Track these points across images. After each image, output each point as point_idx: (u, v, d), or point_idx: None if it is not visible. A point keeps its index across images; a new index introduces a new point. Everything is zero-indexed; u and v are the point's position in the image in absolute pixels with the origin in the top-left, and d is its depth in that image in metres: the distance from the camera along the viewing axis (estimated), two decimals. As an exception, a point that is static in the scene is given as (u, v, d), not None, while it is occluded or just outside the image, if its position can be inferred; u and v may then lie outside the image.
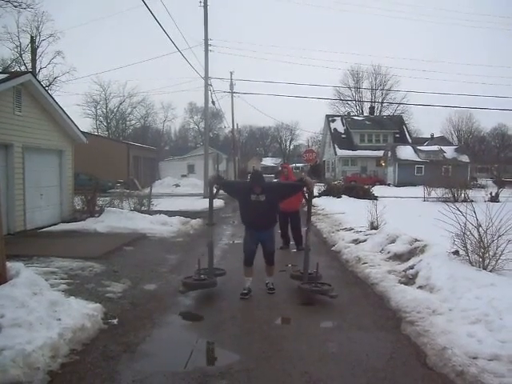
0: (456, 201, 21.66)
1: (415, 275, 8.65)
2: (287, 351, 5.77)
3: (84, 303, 6.96)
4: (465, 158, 54.13)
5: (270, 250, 8.43)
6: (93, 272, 9.50)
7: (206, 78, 29.92)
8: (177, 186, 45.68)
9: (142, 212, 18.41)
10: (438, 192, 27.59)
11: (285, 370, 5.25)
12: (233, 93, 52.17)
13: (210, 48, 30.09)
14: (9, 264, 6.67)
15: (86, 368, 5.22)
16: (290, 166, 17.66)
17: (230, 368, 5.25)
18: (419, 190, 31.83)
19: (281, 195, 8.53)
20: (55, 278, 8.62)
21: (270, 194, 8.07)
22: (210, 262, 8.65)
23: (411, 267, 9.09)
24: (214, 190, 9.16)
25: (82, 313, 6.42)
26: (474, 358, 5.17)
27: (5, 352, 4.95)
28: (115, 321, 6.79)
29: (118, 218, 16.27)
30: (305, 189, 8.74)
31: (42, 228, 15.72)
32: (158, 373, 5.12)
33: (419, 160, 53.40)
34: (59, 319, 6.01)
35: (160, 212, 18.77)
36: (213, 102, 39.09)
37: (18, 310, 5.72)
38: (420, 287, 8.04)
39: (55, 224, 16.54)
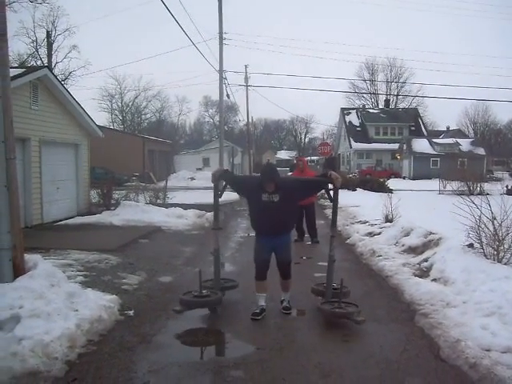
0: (471, 194, 21.54)
1: (429, 268, 8.66)
2: (301, 342, 5.82)
3: (101, 295, 7.07)
4: (481, 151, 53.75)
5: (286, 260, 6.95)
6: (109, 264, 9.61)
7: (221, 71, 29.93)
8: (192, 179, 45.79)
9: (158, 205, 18.51)
10: (454, 185, 27.44)
11: (298, 361, 5.30)
12: (247, 86, 52.17)
13: (224, 41, 30.05)
14: (27, 256, 6.78)
15: (103, 358, 5.31)
16: (305, 158, 17.67)
17: (244, 359, 5.31)
18: (435, 183, 31.70)
19: (300, 194, 7.00)
20: (72, 270, 8.73)
21: (285, 192, 6.61)
22: (216, 273, 7.30)
23: (425, 260, 9.11)
24: (221, 186, 7.85)
25: (98, 304, 6.51)
26: (488, 351, 5.18)
27: (24, 342, 5.05)
28: (131, 312, 6.88)
29: (133, 211, 16.39)
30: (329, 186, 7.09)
31: (59, 221, 15.87)
32: (173, 363, 5.19)
33: (435, 153, 53.10)
34: (76, 310, 6.11)
35: (175, 205, 18.87)
36: (228, 96, 39.08)
37: (37, 301, 5.81)
38: (434, 280, 8.05)
39: (71, 217, 16.69)
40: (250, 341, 5.80)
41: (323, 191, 7.59)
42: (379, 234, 12.56)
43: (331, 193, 7.04)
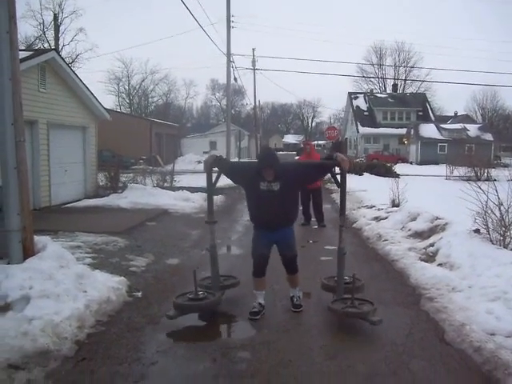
0: (478, 179, 21.50)
1: (435, 253, 8.69)
2: (306, 325, 5.88)
3: (109, 276, 7.15)
4: (488, 137, 53.52)
5: (290, 254, 6.28)
6: (117, 247, 9.69)
7: (228, 54, 29.84)
8: (199, 162, 45.78)
9: (165, 188, 18.58)
10: (461, 171, 27.39)
11: (304, 343, 5.36)
12: (255, 69, 51.96)
13: (232, 24, 29.92)
14: (36, 238, 6.84)
15: (112, 338, 5.39)
16: (313, 143, 17.65)
17: (251, 340, 5.38)
18: (442, 169, 31.65)
19: (302, 180, 6.34)
20: (80, 252, 8.81)
21: (286, 180, 5.90)
22: (214, 272, 6.54)
23: (432, 245, 9.14)
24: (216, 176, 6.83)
25: (107, 286, 6.60)
26: (492, 335, 5.22)
27: (34, 322, 5.14)
28: (139, 294, 6.96)
29: (140, 194, 16.46)
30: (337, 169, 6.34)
31: (67, 204, 15.98)
32: (180, 344, 5.26)
33: (442, 138, 52.95)
34: (85, 291, 6.19)
35: (182, 188, 18.94)
36: (235, 79, 39.04)
37: (46, 282, 5.89)
38: (440, 265, 8.08)
39: (79, 200, 16.81)
40: (257, 323, 5.85)
41: (329, 176, 6.74)
42: (386, 218, 12.59)
43: (338, 177, 6.22)
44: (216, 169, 6.43)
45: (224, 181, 7.08)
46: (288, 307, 6.46)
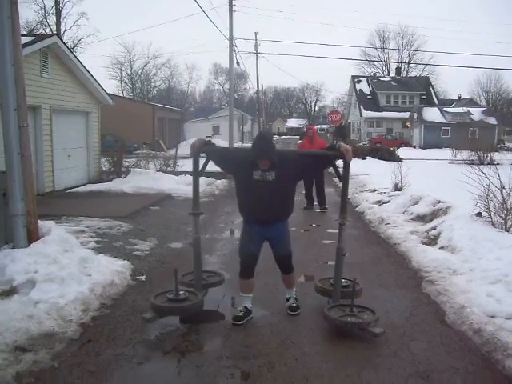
0: (482, 163, 21.50)
1: (437, 236, 8.74)
2: (309, 307, 5.94)
3: (113, 260, 7.23)
4: (492, 121, 53.30)
5: (284, 252, 5.63)
6: (120, 231, 9.75)
7: (231, 38, 29.72)
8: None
9: (168, 173, 18.63)
10: (464, 154, 27.37)
11: (306, 324, 5.42)
12: (257, 53, 51.79)
13: (234, 8, 29.77)
14: (40, 222, 6.92)
15: (116, 321, 5.46)
16: (315, 127, 17.62)
17: (255, 322, 5.45)
18: (445, 152, 31.63)
19: (301, 171, 5.60)
20: (84, 237, 8.87)
21: (283, 169, 5.28)
22: (197, 268, 5.85)
23: (434, 228, 9.19)
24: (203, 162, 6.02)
25: (111, 269, 6.67)
26: (492, 317, 5.27)
27: (39, 305, 5.22)
28: (143, 277, 7.04)
29: (144, 179, 16.52)
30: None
31: (70, 189, 16.03)
32: (185, 326, 5.33)
33: (446, 122, 52.76)
34: (89, 275, 6.26)
35: (185, 173, 18.95)
36: (237, 63, 38.88)
37: (51, 265, 5.97)
38: (442, 248, 8.13)
39: (83, 185, 16.85)
40: (260, 305, 5.90)
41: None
42: (388, 202, 12.64)
43: (340, 169, 5.64)
44: (204, 154, 5.83)
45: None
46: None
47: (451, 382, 4.23)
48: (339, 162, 5.55)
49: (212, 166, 5.82)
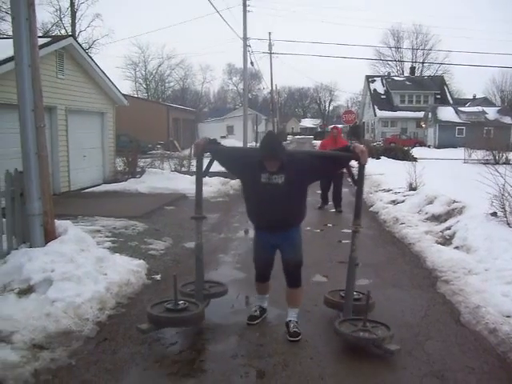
0: (497, 163, 21.37)
1: (452, 236, 8.71)
2: (323, 307, 5.93)
3: (128, 260, 7.29)
4: (507, 120, 52.78)
5: (294, 259, 5.17)
6: (136, 230, 9.81)
7: (245, 38, 29.76)
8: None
9: (182, 173, 18.68)
10: (479, 154, 27.19)
11: (321, 324, 5.43)
12: (271, 53, 51.82)
13: (248, 8, 29.83)
14: (57, 222, 6.97)
15: (132, 320, 5.50)
16: (330, 126, 17.58)
17: (269, 321, 5.47)
18: (460, 152, 31.41)
19: (312, 173, 5.09)
20: (100, 236, 8.94)
21: (293, 172, 4.87)
22: (199, 278, 5.48)
23: (448, 228, 9.16)
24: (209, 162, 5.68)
25: (126, 269, 6.73)
26: (508, 317, 5.26)
27: (56, 303, 5.27)
28: (158, 276, 7.09)
29: (158, 179, 16.60)
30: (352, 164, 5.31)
31: (86, 189, 16.14)
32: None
33: (460, 121, 52.36)
34: (105, 274, 6.32)
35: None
36: (251, 63, 38.87)
37: (67, 264, 6.01)
38: (456, 248, 8.11)
39: (98, 185, 16.96)
40: (275, 305, 5.91)
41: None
42: (403, 201, 12.60)
43: (354, 172, 5.29)
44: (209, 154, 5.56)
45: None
46: (307, 290, 5.82)
47: (466, 381, 4.23)
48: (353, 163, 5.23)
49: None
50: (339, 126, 15.69)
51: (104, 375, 4.26)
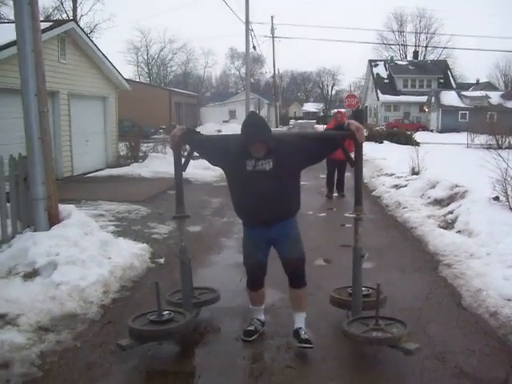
0: (500, 147, 21.34)
1: (454, 220, 8.73)
2: (326, 289, 5.96)
3: (132, 243, 7.35)
4: (511, 104, 52.65)
5: (294, 254, 4.54)
6: (139, 215, 9.87)
7: (247, 22, 29.65)
8: (219, 131, 45.81)
9: (185, 157, 18.66)
10: (482, 138, 27.12)
11: (324, 307, 5.46)
12: (274, 37, 51.64)
13: (250, -8, 29.67)
14: (61, 206, 7.03)
15: (136, 303, 5.57)
16: (334, 111, 17.48)
17: (272, 305, 5.50)
18: (463, 137, 31.34)
19: (304, 157, 4.41)
20: (103, 220, 9.00)
21: (282, 156, 4.29)
22: (186, 283, 4.90)
23: (451, 212, 9.17)
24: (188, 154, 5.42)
25: (130, 252, 6.78)
26: (509, 300, 5.28)
27: (61, 287, 5.33)
28: (162, 260, 7.15)
29: (161, 163, 16.62)
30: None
31: (88, 173, 16.20)
32: (203, 307, 5.41)
33: (463, 106, 52.22)
34: (109, 258, 6.37)
35: (199, 157, 19.04)
36: (254, 47, 38.89)
37: (72, 248, 6.07)
38: (459, 232, 8.12)
39: (101, 169, 17.01)
40: (279, 288, 5.96)
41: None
42: (405, 186, 12.61)
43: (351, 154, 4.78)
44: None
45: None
46: (309, 272, 6.08)
47: (467, 363, 4.26)
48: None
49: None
50: (343, 110, 15.54)
51: (109, 357, 4.32)
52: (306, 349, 4.41)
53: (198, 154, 5.20)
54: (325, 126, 18.02)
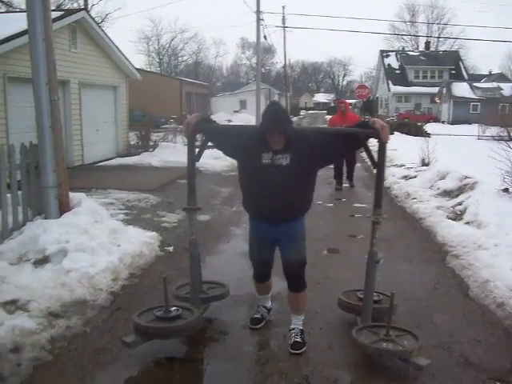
0: (511, 139, 21.20)
1: (463, 211, 8.72)
2: (334, 279, 6.03)
3: (141, 232, 7.40)
4: (523, 96, 52.24)
5: (296, 257, 4.35)
6: (149, 203, 9.93)
7: (258, 12, 29.52)
8: (229, 121, 45.80)
9: (195, 147, 18.71)
10: (493, 130, 26.97)
11: (331, 296, 5.49)
12: (285, 27, 51.46)
13: (262, -19, 29.53)
14: (71, 194, 7.09)
15: (145, 290, 5.63)
16: (333, 100, 17.35)
17: (279, 293, 5.52)
18: (474, 128, 31.18)
19: (324, 154, 4.20)
20: (113, 209, 9.06)
21: (301, 152, 4.06)
22: (195, 278, 4.71)
23: (460, 203, 9.16)
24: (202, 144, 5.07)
25: (140, 240, 6.84)
26: (516, 291, 5.32)
27: (71, 274, 5.40)
28: (171, 248, 7.20)
29: (171, 153, 16.69)
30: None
31: (99, 162, 16.30)
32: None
33: (475, 97, 51.85)
34: (119, 245, 6.43)
35: (213, 147, 19.07)
36: (265, 37, 38.60)
37: (82, 236, 6.14)
38: (467, 223, 8.12)
39: (111, 158, 17.10)
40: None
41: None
42: (415, 177, 12.61)
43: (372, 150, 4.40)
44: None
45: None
46: (315, 263, 6.14)
47: (473, 353, 4.28)
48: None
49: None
50: (348, 101, 15.33)
51: (117, 343, 4.36)
52: (295, 354, 4.25)
53: (211, 144, 4.94)
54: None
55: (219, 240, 7.84)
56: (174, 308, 4.35)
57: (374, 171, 4.43)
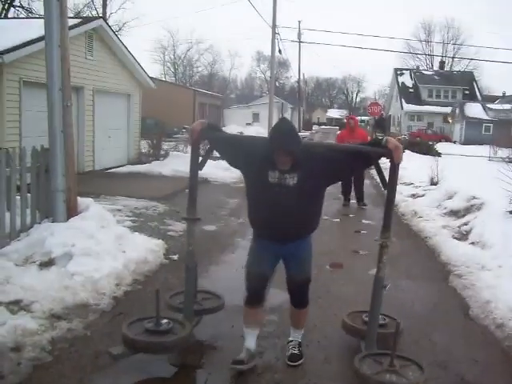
0: (522, 161, 21.13)
1: (469, 231, 8.73)
2: (335, 293, 6.06)
3: (147, 239, 7.47)
4: (537, 118, 52.02)
5: (301, 276, 4.22)
6: (156, 211, 10.01)
7: (274, 26, 29.73)
8: (241, 133, 45.96)
9: (199, 155, 18.80)
10: (505, 152, 26.89)
11: (332, 311, 5.54)
12: (300, 42, 51.70)
13: (278, -3, 29.75)
14: (79, 199, 7.18)
15: (147, 297, 5.65)
16: (344, 116, 17.39)
17: (280, 306, 5.55)
18: (485, 149, 31.10)
19: (333, 173, 4.10)
20: (121, 215, 9.13)
21: (309, 171, 3.89)
22: (189, 291, 4.51)
23: (466, 223, 9.17)
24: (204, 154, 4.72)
25: (145, 247, 6.90)
26: (517, 312, 5.32)
27: (75, 277, 5.47)
28: (175, 257, 7.24)
29: (182, 162, 16.68)
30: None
31: (109, 169, 16.39)
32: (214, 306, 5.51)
33: (488, 118, 51.64)
34: (124, 251, 6.49)
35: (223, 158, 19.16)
36: (280, 51, 38.76)
37: (87, 240, 6.21)
38: (472, 243, 8.13)
39: (122, 166, 17.18)
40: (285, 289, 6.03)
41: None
42: (423, 195, 12.64)
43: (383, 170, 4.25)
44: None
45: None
46: (317, 278, 6.05)
47: (469, 372, 4.30)
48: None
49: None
50: (361, 118, 15.35)
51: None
52: (292, 365, 4.25)
53: (217, 154, 4.70)
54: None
55: (225, 251, 7.90)
56: (165, 321, 4.15)
57: (385, 191, 4.31)
